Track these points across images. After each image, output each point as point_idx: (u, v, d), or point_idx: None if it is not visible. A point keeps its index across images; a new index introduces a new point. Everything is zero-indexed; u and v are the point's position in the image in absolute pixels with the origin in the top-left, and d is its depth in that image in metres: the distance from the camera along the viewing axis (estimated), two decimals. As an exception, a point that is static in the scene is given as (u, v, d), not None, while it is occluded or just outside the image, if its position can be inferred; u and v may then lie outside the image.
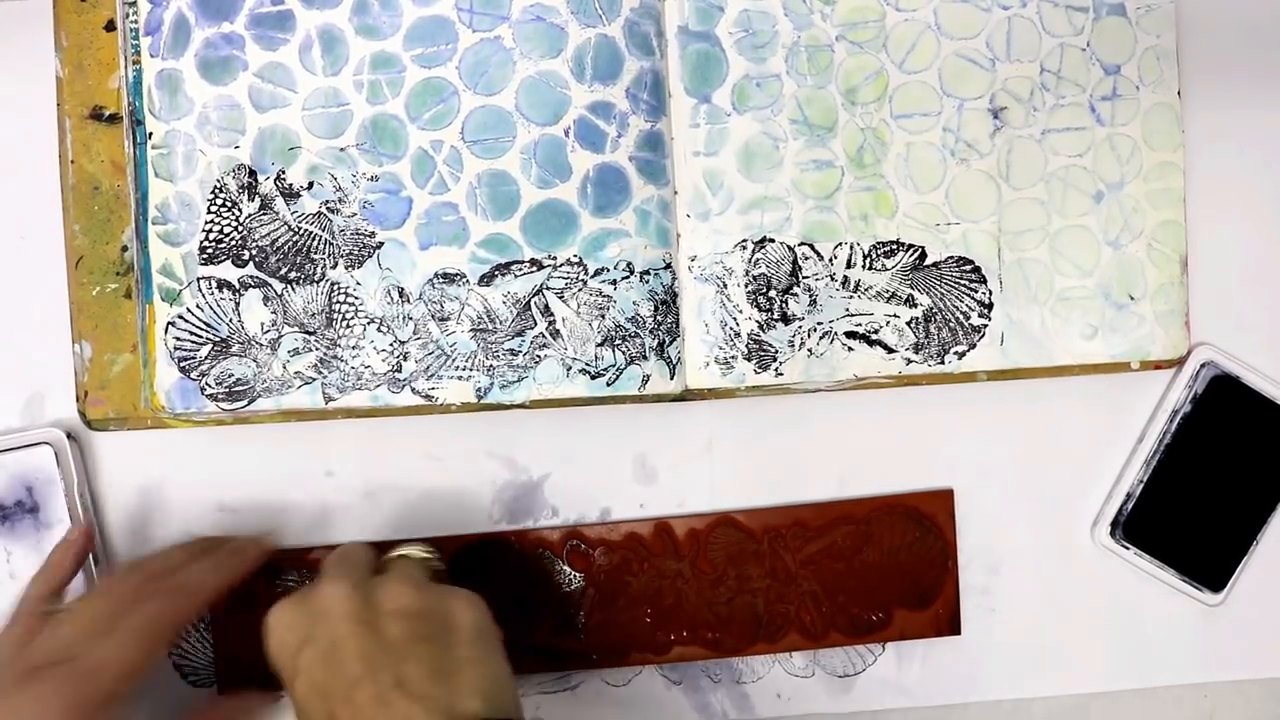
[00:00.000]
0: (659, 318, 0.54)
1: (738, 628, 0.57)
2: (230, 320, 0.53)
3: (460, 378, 0.53)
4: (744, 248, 0.55)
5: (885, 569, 0.57)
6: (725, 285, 0.55)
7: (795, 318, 0.55)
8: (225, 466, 0.57)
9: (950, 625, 0.58)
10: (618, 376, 0.54)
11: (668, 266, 0.54)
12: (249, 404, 0.53)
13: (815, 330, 0.55)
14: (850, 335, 0.55)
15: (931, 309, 0.55)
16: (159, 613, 0.50)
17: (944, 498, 0.58)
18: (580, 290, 0.54)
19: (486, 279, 0.54)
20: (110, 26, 0.55)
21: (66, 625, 0.49)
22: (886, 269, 0.55)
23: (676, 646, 0.57)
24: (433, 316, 0.54)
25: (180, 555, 0.53)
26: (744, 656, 0.58)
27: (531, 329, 0.54)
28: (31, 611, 0.50)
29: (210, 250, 0.53)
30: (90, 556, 0.55)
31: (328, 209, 0.53)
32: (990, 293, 0.55)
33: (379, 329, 0.53)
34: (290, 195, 0.53)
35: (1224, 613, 0.59)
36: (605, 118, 0.54)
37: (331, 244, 0.53)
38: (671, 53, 0.54)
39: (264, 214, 0.53)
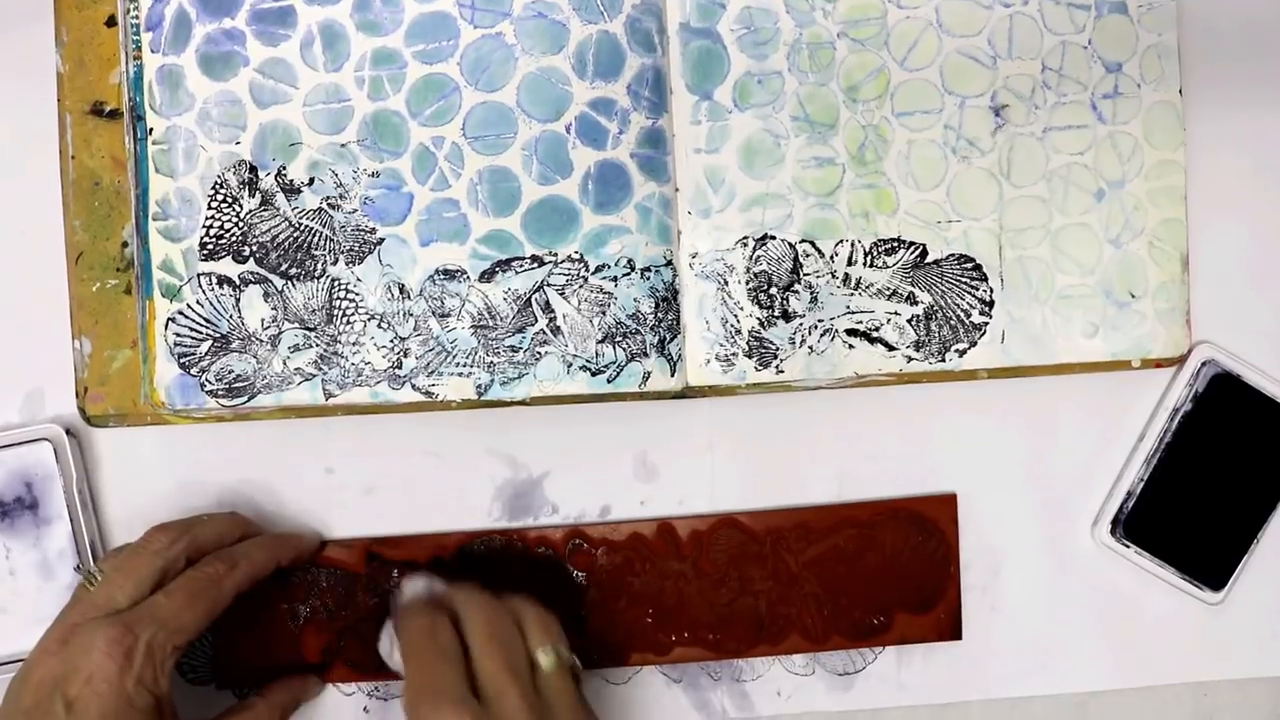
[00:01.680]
0: (660, 315, 0.54)
1: (739, 629, 0.57)
2: (230, 316, 0.53)
3: (461, 374, 0.53)
4: (745, 245, 0.55)
5: (887, 573, 0.57)
6: (726, 282, 0.55)
7: (796, 315, 0.55)
8: (225, 463, 0.57)
9: (951, 630, 0.57)
10: (618, 373, 0.54)
11: (669, 263, 0.54)
12: (249, 400, 0.53)
13: (816, 328, 0.55)
14: (851, 333, 0.55)
15: (932, 307, 0.55)
16: (214, 575, 0.50)
17: (947, 502, 0.58)
18: (581, 287, 0.54)
19: (487, 275, 0.54)
20: (111, 22, 0.55)
21: (108, 585, 0.49)
22: (887, 266, 0.55)
23: (677, 647, 0.57)
24: (433, 313, 0.53)
25: (226, 527, 0.53)
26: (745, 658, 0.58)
27: (532, 325, 0.54)
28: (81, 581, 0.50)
29: (211, 246, 0.53)
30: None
31: (328, 205, 0.53)
32: (991, 290, 0.55)
33: (379, 325, 0.53)
34: (291, 191, 0.53)
35: (1224, 611, 0.58)
36: (607, 114, 0.54)
37: (332, 240, 0.53)
38: (673, 49, 0.54)
39: (265, 210, 0.53)
